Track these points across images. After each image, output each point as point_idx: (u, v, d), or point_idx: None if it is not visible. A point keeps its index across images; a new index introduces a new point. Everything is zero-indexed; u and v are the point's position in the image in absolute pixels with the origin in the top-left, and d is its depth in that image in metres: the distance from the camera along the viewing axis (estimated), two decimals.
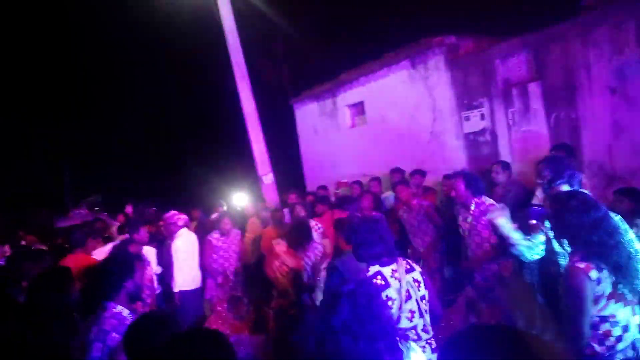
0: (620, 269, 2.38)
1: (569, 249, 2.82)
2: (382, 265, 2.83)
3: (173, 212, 6.36)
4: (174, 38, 13.98)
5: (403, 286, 2.76)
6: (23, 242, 8.38)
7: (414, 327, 2.77)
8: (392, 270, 2.82)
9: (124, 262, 3.01)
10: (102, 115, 21.78)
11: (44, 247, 7.36)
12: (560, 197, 2.69)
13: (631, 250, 2.56)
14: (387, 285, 2.76)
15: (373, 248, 2.88)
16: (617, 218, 2.75)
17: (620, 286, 2.42)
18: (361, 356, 1.79)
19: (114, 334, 2.60)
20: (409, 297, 2.77)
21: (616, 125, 5.47)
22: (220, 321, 5.01)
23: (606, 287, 2.40)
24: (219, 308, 5.61)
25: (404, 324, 2.74)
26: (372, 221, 3.06)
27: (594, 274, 2.39)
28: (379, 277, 2.77)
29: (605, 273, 2.39)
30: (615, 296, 2.42)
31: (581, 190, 3.38)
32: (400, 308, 2.74)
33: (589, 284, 2.38)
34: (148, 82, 19.49)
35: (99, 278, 2.95)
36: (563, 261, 3.49)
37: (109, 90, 21.31)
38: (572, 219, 2.49)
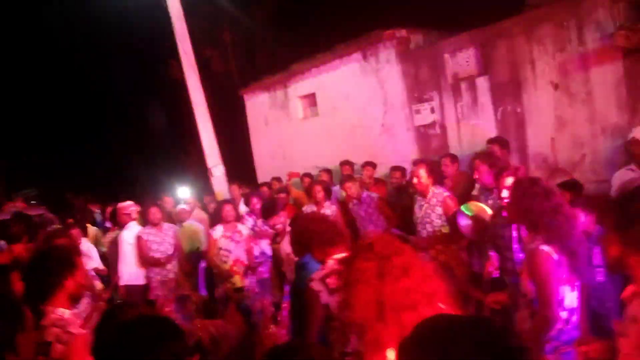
0: (574, 254, 2.47)
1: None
2: (337, 261, 2.66)
3: (129, 202, 6.11)
4: (119, 22, 13.38)
5: None
6: None
7: None
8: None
9: (61, 258, 2.60)
10: (38, 103, 20.62)
11: None
12: (522, 184, 2.74)
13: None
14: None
15: (322, 236, 2.77)
16: None
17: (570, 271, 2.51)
18: None
19: (57, 345, 2.28)
20: None
21: (558, 120, 5.71)
22: None
23: (562, 272, 2.48)
24: (167, 309, 5.43)
25: None
26: (313, 214, 2.98)
27: (555, 257, 2.47)
28: (334, 277, 2.50)
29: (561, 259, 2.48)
30: (567, 281, 2.51)
31: None
32: None
33: (556, 266, 2.45)
34: (90, 68, 18.64)
35: (33, 278, 2.55)
36: None
37: (48, 76, 20.19)
38: (535, 205, 2.54)
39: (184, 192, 8.67)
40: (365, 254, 1.81)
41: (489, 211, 4.11)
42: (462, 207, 4.26)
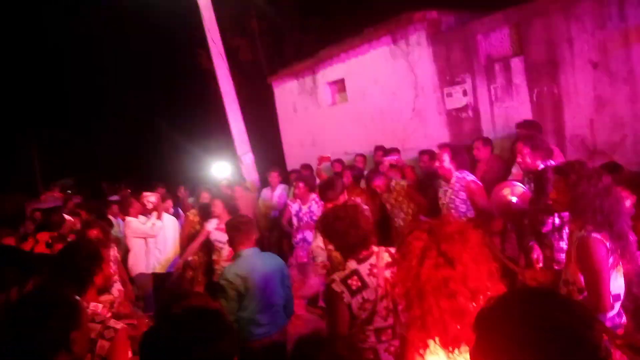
0: (623, 239, 2.38)
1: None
2: (359, 262, 2.57)
3: (148, 193, 6.20)
4: (150, 12, 13.53)
5: (381, 284, 2.53)
6: None
7: (390, 326, 2.57)
8: (370, 266, 2.56)
9: (90, 253, 2.61)
10: (73, 95, 21.14)
11: None
12: (574, 166, 2.63)
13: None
14: (363, 286, 2.51)
15: (345, 238, 2.63)
16: None
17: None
18: None
19: (101, 341, 2.26)
20: (385, 294, 2.53)
21: (598, 100, 5.50)
22: None
23: (612, 259, 2.40)
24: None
25: (378, 323, 2.54)
26: (340, 209, 2.84)
27: (607, 244, 2.39)
28: (355, 277, 2.52)
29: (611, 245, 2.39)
30: (615, 267, 2.42)
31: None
32: (374, 308, 2.53)
33: (608, 254, 2.37)
34: (123, 59, 18.97)
35: (61, 273, 2.55)
36: None
37: (81, 69, 20.67)
38: (589, 187, 2.45)
39: (221, 170, 8.79)
40: (418, 234, 1.77)
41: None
42: (511, 188, 4.14)
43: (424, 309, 1.63)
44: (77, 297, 1.97)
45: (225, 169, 8.84)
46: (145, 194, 5.94)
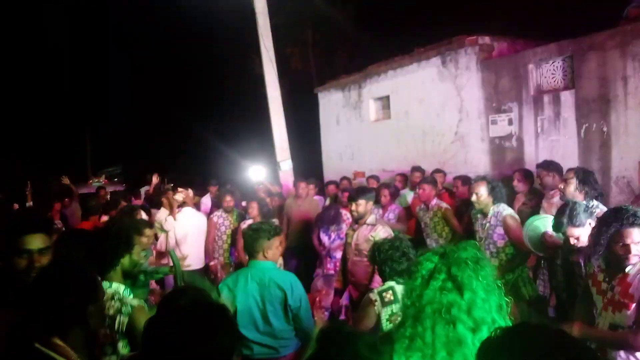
0: None
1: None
2: (398, 282, 2.87)
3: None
4: (205, 15, 13.96)
5: None
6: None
7: None
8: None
9: (120, 237, 2.76)
10: (127, 89, 21.97)
11: None
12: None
13: None
14: (395, 300, 2.81)
15: (399, 265, 2.98)
16: None
17: None
18: None
19: (119, 317, 2.44)
20: None
21: None
22: None
23: None
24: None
25: None
26: (396, 239, 3.24)
27: None
28: (390, 291, 2.83)
29: None
30: None
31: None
32: None
33: None
34: (175, 54, 19.58)
35: (91, 253, 2.67)
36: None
37: (136, 64, 21.48)
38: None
39: (257, 172, 8.92)
40: (431, 255, 1.79)
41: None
42: (543, 220, 4.03)
43: (416, 331, 1.61)
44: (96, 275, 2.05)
45: (260, 173, 8.96)
46: (180, 189, 6.11)
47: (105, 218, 5.66)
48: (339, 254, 5.57)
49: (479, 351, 1.22)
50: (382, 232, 4.38)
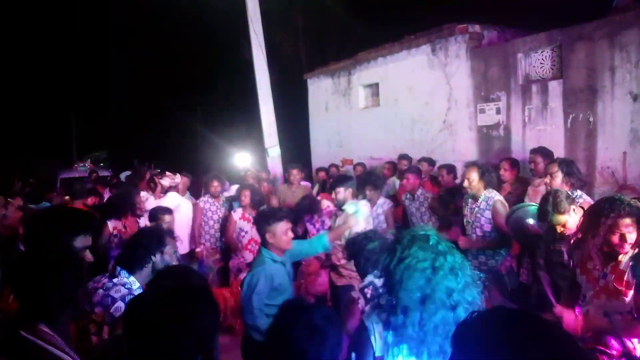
0: None
1: None
2: (375, 276, 2.74)
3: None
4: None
5: None
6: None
7: None
8: None
9: (153, 237, 2.87)
10: (113, 73, 21.65)
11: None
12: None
13: None
14: (377, 296, 2.76)
15: (372, 254, 2.94)
16: None
17: None
18: None
19: (119, 303, 2.49)
20: None
21: (634, 133, 5.34)
22: None
23: None
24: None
25: None
26: (369, 231, 3.30)
27: None
28: (371, 287, 2.70)
29: None
30: None
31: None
32: None
33: None
34: (162, 39, 19.30)
35: (127, 249, 2.87)
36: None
37: (123, 48, 21.15)
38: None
39: (242, 159, 8.89)
40: (423, 244, 1.85)
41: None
42: (526, 209, 4.05)
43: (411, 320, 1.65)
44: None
45: (246, 159, 8.94)
46: (168, 174, 6.07)
47: (91, 201, 5.61)
48: None
49: (455, 334, 1.20)
50: (364, 209, 4.53)
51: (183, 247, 5.97)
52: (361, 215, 4.44)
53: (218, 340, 2.86)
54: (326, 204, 5.65)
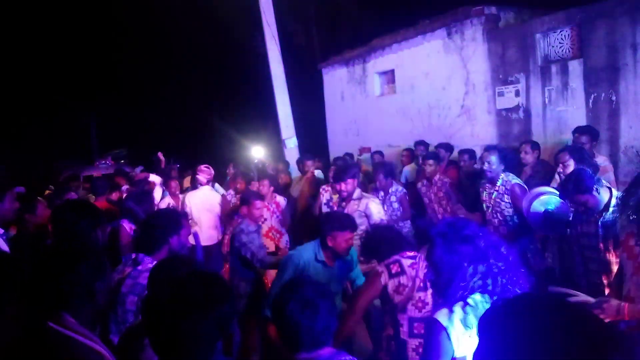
0: None
1: None
2: (402, 256, 2.84)
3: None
4: None
5: (420, 276, 2.72)
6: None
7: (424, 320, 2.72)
8: (412, 262, 2.80)
9: (171, 218, 2.91)
10: (130, 70, 21.83)
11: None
12: None
13: None
14: (402, 272, 2.78)
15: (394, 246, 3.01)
16: None
17: None
18: None
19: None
20: (423, 288, 2.71)
21: None
22: None
23: None
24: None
25: (412, 312, 2.71)
26: (385, 228, 3.46)
27: None
28: (397, 264, 2.79)
29: None
30: None
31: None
32: (410, 294, 2.72)
33: None
34: (178, 36, 19.37)
35: (143, 232, 2.90)
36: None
37: (138, 45, 21.29)
38: None
39: (258, 152, 8.96)
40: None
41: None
42: (543, 199, 3.99)
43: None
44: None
45: (260, 152, 9.02)
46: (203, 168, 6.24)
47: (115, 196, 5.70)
48: None
49: (480, 323, 1.17)
50: (374, 206, 4.55)
51: (211, 238, 6.13)
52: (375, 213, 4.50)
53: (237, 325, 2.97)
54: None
